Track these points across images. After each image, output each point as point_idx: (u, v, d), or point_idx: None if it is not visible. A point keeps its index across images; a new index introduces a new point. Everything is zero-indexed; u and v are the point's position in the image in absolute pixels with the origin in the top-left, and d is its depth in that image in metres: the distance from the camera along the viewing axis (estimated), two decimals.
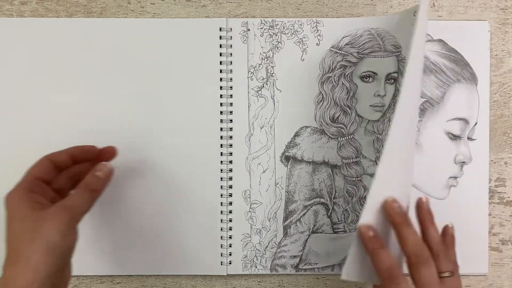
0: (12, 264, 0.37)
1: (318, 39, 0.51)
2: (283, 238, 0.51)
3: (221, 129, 0.51)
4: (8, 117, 0.50)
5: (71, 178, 0.44)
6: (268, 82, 0.51)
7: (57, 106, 0.50)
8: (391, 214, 0.39)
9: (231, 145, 0.51)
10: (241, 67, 0.51)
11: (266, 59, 0.51)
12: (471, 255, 0.51)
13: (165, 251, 0.51)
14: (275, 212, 0.51)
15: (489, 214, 0.51)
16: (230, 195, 0.51)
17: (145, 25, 0.51)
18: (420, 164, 0.50)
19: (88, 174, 0.42)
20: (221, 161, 0.51)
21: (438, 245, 0.40)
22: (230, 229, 0.51)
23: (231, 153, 0.51)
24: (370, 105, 0.50)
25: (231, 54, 0.51)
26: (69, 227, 0.38)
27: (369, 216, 0.39)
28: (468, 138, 0.51)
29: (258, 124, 0.51)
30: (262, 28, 0.51)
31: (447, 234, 0.42)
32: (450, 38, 0.51)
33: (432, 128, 0.51)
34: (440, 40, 0.51)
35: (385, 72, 0.50)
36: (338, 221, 0.51)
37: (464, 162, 0.51)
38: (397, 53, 0.49)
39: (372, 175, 0.50)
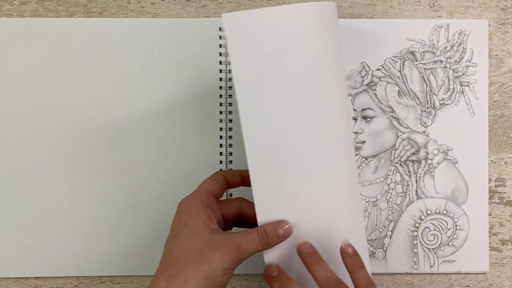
0: (168, 278, 0.36)
1: None
2: None
3: (221, 128, 0.51)
4: (8, 117, 0.50)
5: (240, 208, 0.43)
6: None
7: (57, 105, 0.50)
8: (301, 256, 0.39)
9: (230, 145, 0.51)
10: None
11: None
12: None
13: None
14: None
15: (489, 214, 0.51)
16: (231, 195, 0.51)
17: (145, 25, 0.51)
18: None
19: (269, 224, 0.39)
20: (220, 161, 0.51)
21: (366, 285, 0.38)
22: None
23: (231, 153, 0.51)
24: None
25: None
26: (232, 267, 0.37)
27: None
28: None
29: None
30: None
31: (348, 255, 0.39)
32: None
33: None
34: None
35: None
36: None
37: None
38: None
39: None
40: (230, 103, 0.51)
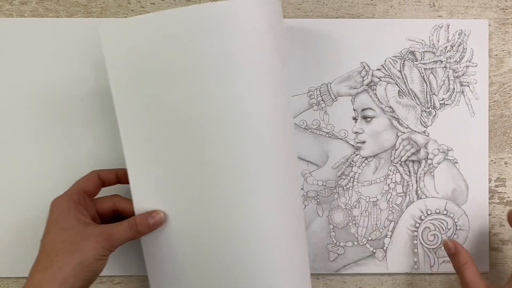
0: (43, 271, 0.38)
1: None
2: None
3: None
4: (8, 117, 0.50)
5: (114, 204, 0.45)
6: None
7: (56, 105, 0.50)
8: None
9: None
10: None
11: None
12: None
13: None
14: None
15: (489, 214, 0.51)
16: None
17: None
18: None
19: (141, 215, 0.42)
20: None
21: None
22: None
23: None
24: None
25: None
26: (104, 254, 0.40)
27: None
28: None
29: None
30: None
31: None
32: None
33: None
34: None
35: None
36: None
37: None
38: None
39: None
40: None
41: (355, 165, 0.51)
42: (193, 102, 0.40)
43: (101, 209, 0.44)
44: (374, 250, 0.51)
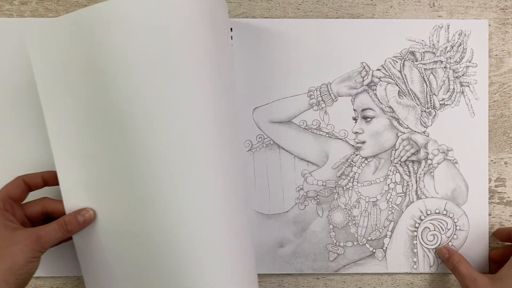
0: None
1: None
2: None
3: None
4: (9, 117, 0.50)
5: (44, 207, 0.44)
6: None
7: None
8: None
9: None
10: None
11: None
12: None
13: None
14: None
15: (489, 214, 0.51)
16: None
17: None
18: None
19: (70, 214, 0.42)
20: None
21: None
22: None
23: None
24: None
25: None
26: (34, 255, 0.40)
27: None
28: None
29: None
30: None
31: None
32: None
33: None
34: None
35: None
36: None
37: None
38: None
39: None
40: None
41: (355, 165, 0.51)
42: (117, 100, 0.40)
43: (30, 213, 0.43)
44: (374, 250, 0.51)
